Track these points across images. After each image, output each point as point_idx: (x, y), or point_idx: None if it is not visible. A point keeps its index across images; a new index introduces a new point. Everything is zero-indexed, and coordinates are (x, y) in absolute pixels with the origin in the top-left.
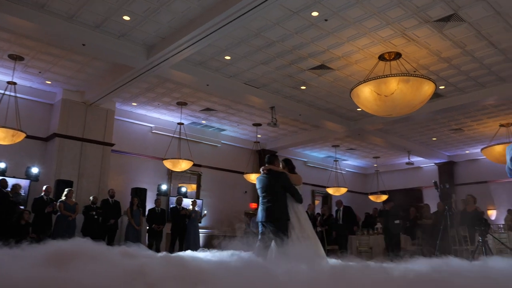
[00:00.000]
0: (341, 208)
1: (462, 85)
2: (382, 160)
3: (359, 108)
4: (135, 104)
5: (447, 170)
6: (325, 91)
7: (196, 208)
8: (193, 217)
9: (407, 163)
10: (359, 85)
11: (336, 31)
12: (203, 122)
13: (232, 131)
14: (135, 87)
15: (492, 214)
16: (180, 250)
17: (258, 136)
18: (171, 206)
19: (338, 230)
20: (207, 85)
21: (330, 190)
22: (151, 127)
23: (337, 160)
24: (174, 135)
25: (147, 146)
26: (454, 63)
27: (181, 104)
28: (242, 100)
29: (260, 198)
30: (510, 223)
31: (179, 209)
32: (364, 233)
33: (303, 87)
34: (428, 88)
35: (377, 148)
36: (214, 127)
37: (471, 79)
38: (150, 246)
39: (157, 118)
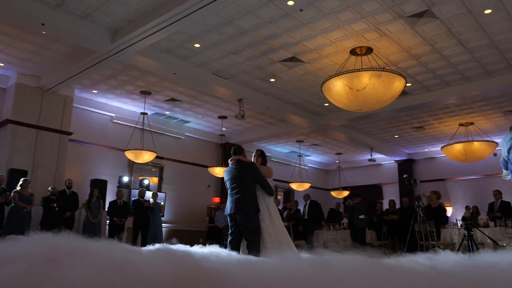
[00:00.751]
0: (308, 203)
1: (428, 83)
2: (344, 157)
3: (327, 103)
4: (95, 91)
5: (406, 167)
6: (294, 85)
7: (158, 201)
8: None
9: (370, 160)
10: (331, 78)
11: (310, 22)
12: (167, 113)
13: (197, 123)
14: (96, 73)
15: (449, 211)
16: (143, 244)
17: (223, 129)
18: (133, 198)
19: (304, 224)
20: (174, 73)
21: (293, 185)
22: (111, 116)
23: (301, 156)
24: (137, 126)
25: (108, 136)
26: (423, 61)
27: (145, 93)
28: (209, 91)
29: (229, 190)
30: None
31: (142, 202)
32: (331, 228)
33: (272, 80)
34: (399, 84)
35: (340, 145)
36: (178, 118)
37: (437, 77)
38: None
39: (118, 107)
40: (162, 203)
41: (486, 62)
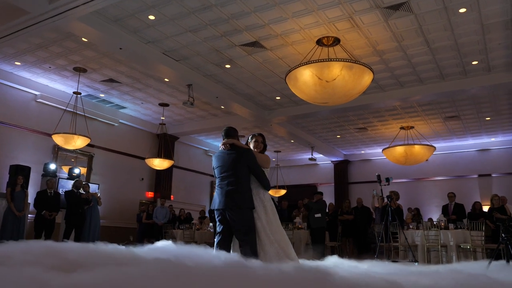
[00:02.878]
0: None
1: (384, 82)
2: (282, 155)
3: (278, 97)
4: (18, 63)
5: (342, 168)
6: (249, 73)
7: (94, 191)
8: (92, 204)
9: (310, 159)
10: (300, 66)
11: (283, 3)
12: (101, 95)
13: (134, 109)
14: (23, 41)
15: None
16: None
17: (162, 118)
18: (65, 190)
19: None
20: (120, 48)
21: None
22: (36, 94)
23: None
24: (67, 108)
25: (30, 117)
26: (385, 58)
27: (79, 71)
28: (156, 73)
29: (217, 180)
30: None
31: (77, 194)
32: (288, 227)
33: (227, 66)
34: (367, 79)
35: (280, 142)
36: (113, 103)
37: (394, 77)
38: (37, 238)
39: (45, 85)
40: (99, 195)
41: (443, 65)
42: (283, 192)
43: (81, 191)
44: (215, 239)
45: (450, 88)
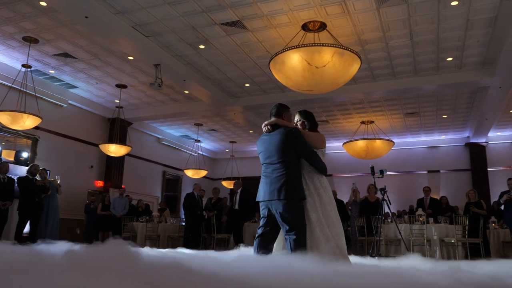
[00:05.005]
0: (239, 191)
1: (358, 74)
2: (237, 146)
3: (248, 84)
4: None
5: None
6: (223, 56)
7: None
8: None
9: None
10: (289, 50)
11: None
12: (51, 72)
13: (86, 90)
14: None
15: None
16: (31, 238)
17: (117, 101)
18: (17, 176)
19: (234, 216)
20: (86, 17)
21: (188, 172)
22: None
23: (199, 141)
24: (13, 85)
25: None
26: (366, 48)
27: (30, 41)
28: (120, 48)
29: (262, 168)
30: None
31: (33, 181)
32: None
33: (202, 46)
34: (355, 67)
35: (238, 132)
36: (63, 81)
37: (369, 69)
38: None
39: None
40: (59, 182)
41: (419, 59)
42: None
43: (37, 177)
44: (258, 232)
45: (419, 84)
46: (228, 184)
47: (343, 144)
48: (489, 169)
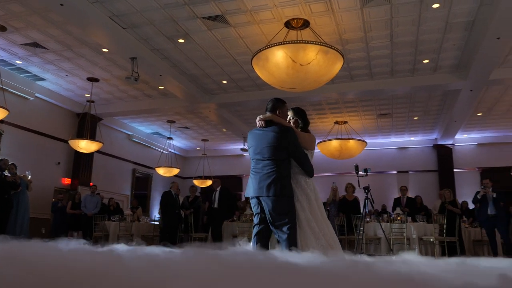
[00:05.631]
0: (218, 189)
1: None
2: (210, 144)
3: (225, 81)
4: None
5: None
6: (202, 52)
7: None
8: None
9: (242, 149)
10: (274, 46)
11: None
12: (19, 62)
13: (55, 82)
14: None
15: None
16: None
17: (87, 95)
18: None
19: (213, 214)
20: (62, 4)
21: (160, 170)
22: None
23: (171, 138)
24: None
25: None
26: (346, 48)
27: None
28: (96, 39)
29: (252, 163)
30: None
31: (1, 176)
32: (248, 219)
33: (181, 41)
34: (338, 66)
35: (211, 130)
36: (31, 72)
37: (347, 69)
38: None
39: None
40: (29, 177)
41: (397, 61)
42: (209, 182)
43: (6, 173)
44: (253, 231)
45: (394, 85)
46: (199, 183)
47: (317, 144)
48: (455, 170)
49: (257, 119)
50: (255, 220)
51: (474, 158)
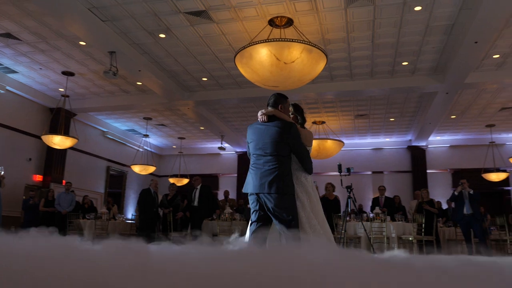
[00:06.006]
0: (199, 187)
1: None
2: (186, 142)
3: (205, 78)
4: None
5: (245, 159)
6: (183, 48)
7: None
8: None
9: (220, 148)
10: (259, 43)
11: None
12: None
13: (27, 75)
14: None
15: None
16: None
17: (61, 90)
18: None
19: (192, 213)
20: None
21: (136, 168)
22: None
23: (148, 136)
24: None
25: None
26: (329, 48)
27: None
28: (73, 32)
29: (252, 158)
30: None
31: None
32: (226, 217)
33: (162, 36)
34: (321, 65)
35: (189, 128)
36: (2, 65)
37: (328, 69)
38: None
39: None
40: (2, 173)
41: (377, 62)
42: (186, 181)
43: None
44: (250, 228)
45: (375, 86)
46: (175, 181)
47: None
48: (428, 171)
49: (259, 113)
50: (253, 217)
51: (446, 160)
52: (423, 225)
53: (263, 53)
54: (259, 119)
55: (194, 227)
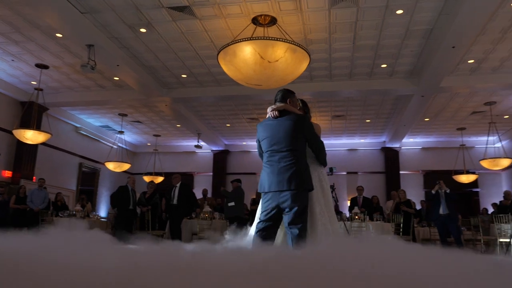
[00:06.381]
0: (178, 185)
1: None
2: (161, 140)
3: (185, 75)
4: None
5: (221, 158)
6: (164, 43)
7: None
8: None
9: (196, 146)
10: (243, 41)
11: None
12: None
13: None
14: None
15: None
16: None
17: (33, 83)
18: None
19: (171, 212)
20: None
21: (110, 165)
22: None
23: (123, 132)
24: None
25: None
26: (310, 48)
27: None
28: (50, 23)
29: (265, 156)
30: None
31: None
32: (207, 216)
33: (142, 30)
34: (304, 65)
35: (164, 126)
36: None
37: (307, 69)
38: None
39: None
40: None
41: (356, 63)
42: (161, 179)
43: None
44: (257, 226)
45: (353, 88)
46: (150, 179)
47: None
48: (401, 172)
49: (269, 109)
50: (262, 216)
51: (418, 161)
52: (402, 225)
53: (247, 51)
54: (269, 115)
55: (173, 226)
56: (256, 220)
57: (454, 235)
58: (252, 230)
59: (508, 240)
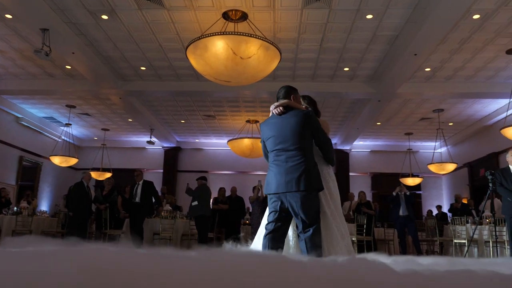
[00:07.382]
0: (141, 183)
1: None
2: (110, 134)
3: (144, 67)
4: None
5: (172, 155)
6: (126, 32)
7: None
8: None
9: (149, 142)
10: (216, 35)
11: None
12: None
13: None
14: None
15: None
16: None
17: None
18: None
19: (132, 210)
20: None
21: (55, 160)
22: None
23: (70, 125)
24: None
25: None
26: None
27: None
28: (3, 1)
29: (271, 156)
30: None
31: None
32: (169, 215)
33: (104, 17)
34: (275, 63)
35: (115, 120)
36: None
37: (277, 69)
38: None
39: None
40: None
41: (320, 65)
42: (108, 175)
43: None
44: (266, 228)
45: (314, 89)
46: (97, 176)
47: (228, 141)
48: (350, 174)
49: (272, 107)
50: (270, 218)
51: (367, 164)
52: (365, 226)
53: (219, 46)
54: (273, 113)
55: (135, 225)
56: (264, 222)
57: (412, 235)
58: (261, 231)
59: (463, 241)
